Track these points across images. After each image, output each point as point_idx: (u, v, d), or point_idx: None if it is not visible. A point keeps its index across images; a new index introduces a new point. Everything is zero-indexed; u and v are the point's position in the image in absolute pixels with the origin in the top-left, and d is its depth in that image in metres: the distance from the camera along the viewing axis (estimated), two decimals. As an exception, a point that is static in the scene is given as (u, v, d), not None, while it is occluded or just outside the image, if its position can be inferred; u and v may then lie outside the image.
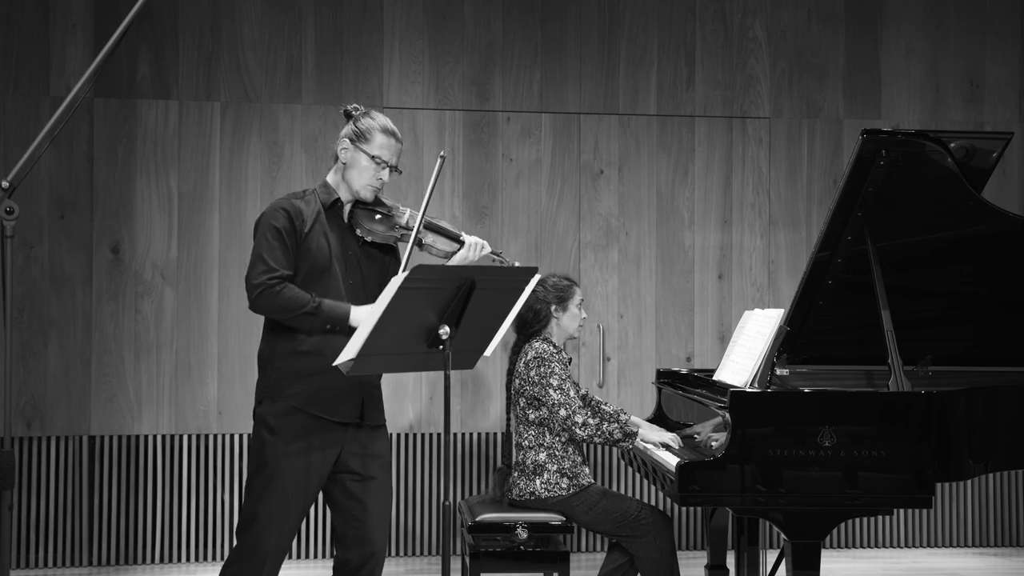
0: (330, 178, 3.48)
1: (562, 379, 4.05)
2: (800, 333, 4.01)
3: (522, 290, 3.26)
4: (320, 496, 3.51)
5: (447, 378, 3.13)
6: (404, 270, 3.28)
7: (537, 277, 3.28)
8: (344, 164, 3.43)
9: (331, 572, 3.50)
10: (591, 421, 3.97)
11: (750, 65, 5.98)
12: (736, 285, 5.93)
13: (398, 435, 5.67)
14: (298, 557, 5.62)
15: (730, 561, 4.42)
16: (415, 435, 5.70)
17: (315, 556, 5.61)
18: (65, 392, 5.46)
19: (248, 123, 5.63)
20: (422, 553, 5.72)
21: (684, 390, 4.27)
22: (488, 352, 3.36)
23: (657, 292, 5.89)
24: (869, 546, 5.99)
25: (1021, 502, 6.05)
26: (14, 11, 5.50)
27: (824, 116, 6.01)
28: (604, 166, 5.87)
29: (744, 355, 3.98)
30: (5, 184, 3.19)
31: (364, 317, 3.12)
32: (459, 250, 3.50)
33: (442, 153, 3.44)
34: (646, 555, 3.97)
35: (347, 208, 3.46)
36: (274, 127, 5.64)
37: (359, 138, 3.41)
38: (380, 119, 3.45)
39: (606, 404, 4.44)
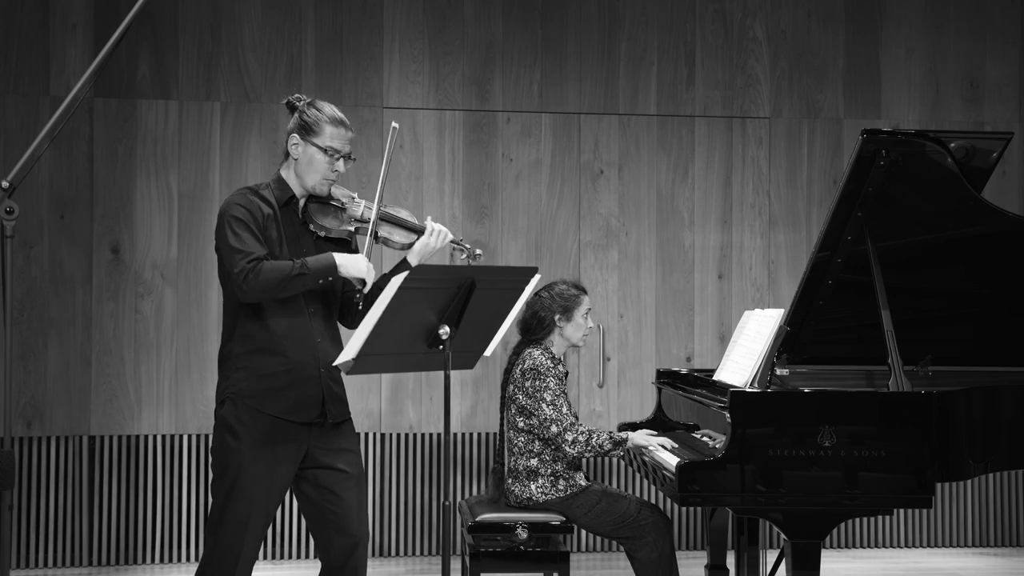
0: (283, 173, 3.36)
1: (556, 394, 4.00)
2: (800, 333, 4.00)
3: (522, 290, 3.25)
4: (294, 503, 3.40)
5: (447, 378, 3.13)
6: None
7: (537, 277, 3.27)
8: (296, 160, 3.31)
9: (315, 573, 3.42)
10: (580, 439, 3.95)
11: (750, 65, 5.98)
12: (736, 285, 5.93)
13: (398, 435, 5.67)
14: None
15: (730, 561, 4.42)
16: (415, 435, 5.70)
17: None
18: (65, 392, 5.46)
19: (248, 123, 5.63)
20: (422, 553, 5.72)
21: (684, 390, 4.26)
22: (488, 352, 3.36)
23: (657, 292, 5.89)
24: (869, 546, 5.99)
25: (1021, 502, 6.05)
26: (14, 11, 5.50)
27: (824, 116, 6.01)
28: (604, 166, 5.87)
29: (744, 355, 3.98)
30: (5, 184, 3.19)
31: (347, 262, 3.24)
32: (416, 240, 3.40)
33: (394, 124, 3.35)
34: (645, 556, 3.95)
35: (301, 203, 3.36)
36: (274, 127, 5.64)
37: (307, 131, 3.29)
38: (327, 109, 3.32)
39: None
